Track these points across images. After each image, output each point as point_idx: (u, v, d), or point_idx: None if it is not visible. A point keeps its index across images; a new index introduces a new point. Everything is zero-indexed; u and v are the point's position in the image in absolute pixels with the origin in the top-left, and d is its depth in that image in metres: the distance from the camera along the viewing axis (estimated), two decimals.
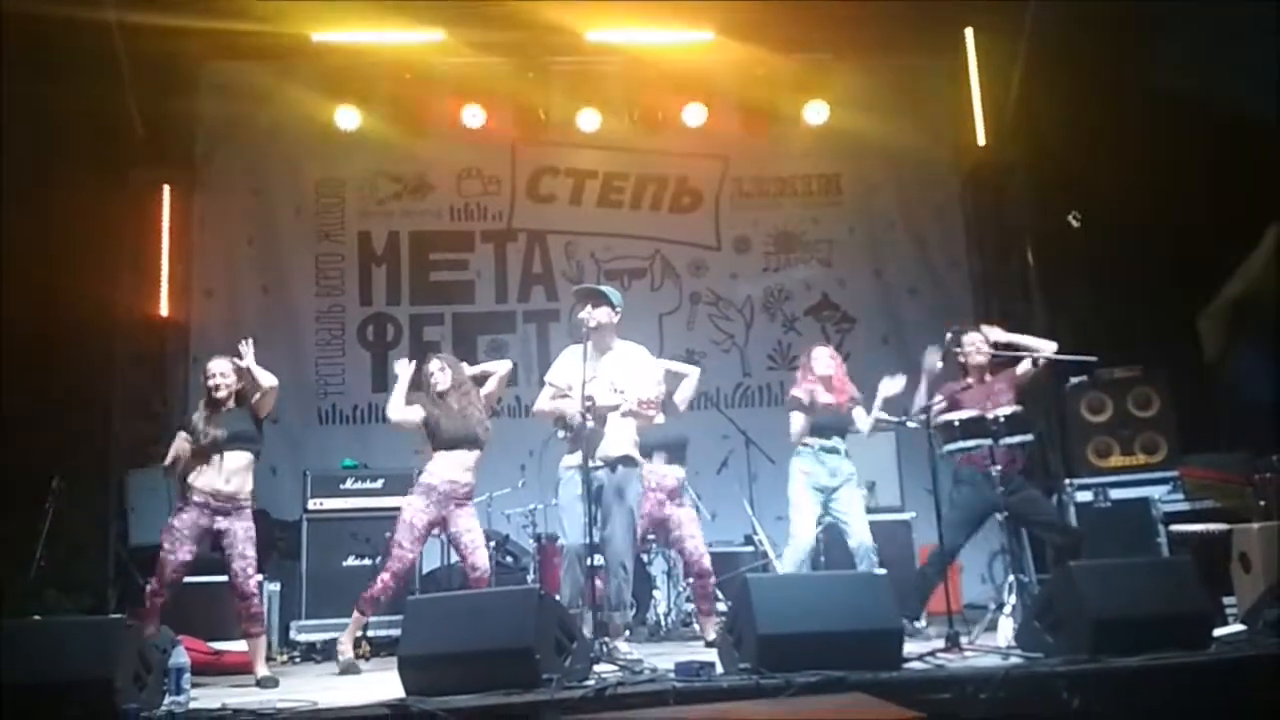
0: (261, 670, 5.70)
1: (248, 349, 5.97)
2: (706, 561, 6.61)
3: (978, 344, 6.22)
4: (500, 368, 6.47)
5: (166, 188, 9.02)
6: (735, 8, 8.61)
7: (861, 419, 6.51)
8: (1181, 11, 7.47)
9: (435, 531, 6.27)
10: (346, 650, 6.03)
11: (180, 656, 4.73)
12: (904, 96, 9.37)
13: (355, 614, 6.10)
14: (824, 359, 6.58)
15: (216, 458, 5.69)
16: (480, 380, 6.34)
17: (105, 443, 8.24)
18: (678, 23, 8.82)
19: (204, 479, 5.70)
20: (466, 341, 9.30)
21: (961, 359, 6.26)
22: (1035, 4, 8.55)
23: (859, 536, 6.32)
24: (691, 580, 6.77)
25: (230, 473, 5.70)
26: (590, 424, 5.39)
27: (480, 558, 6.09)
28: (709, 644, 6.39)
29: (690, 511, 6.82)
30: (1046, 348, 6.22)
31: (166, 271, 8.93)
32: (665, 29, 8.90)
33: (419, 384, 6.29)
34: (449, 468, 6.09)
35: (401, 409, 6.15)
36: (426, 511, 6.04)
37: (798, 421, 6.44)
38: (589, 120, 9.20)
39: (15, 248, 7.32)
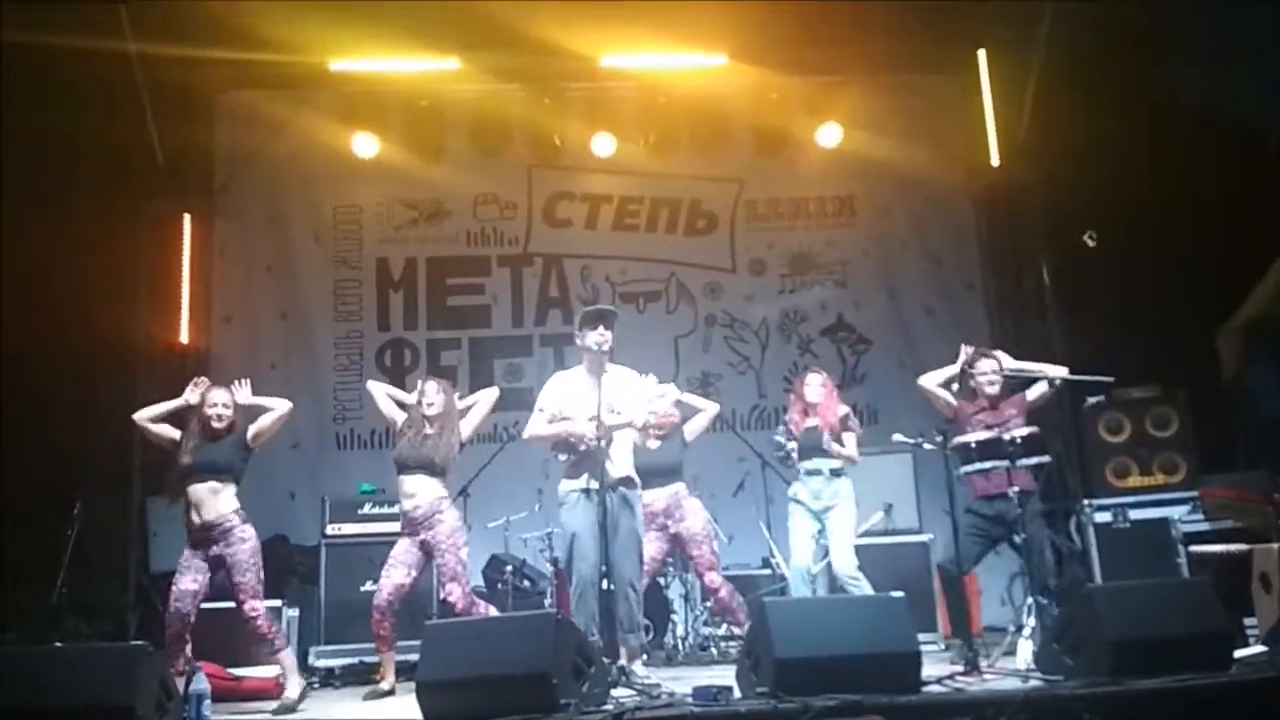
0: (291, 689, 5.68)
1: (243, 387, 6.04)
2: (709, 578, 6.57)
3: (992, 371, 6.22)
4: (486, 396, 6.50)
5: (187, 216, 9.12)
6: (748, 31, 8.66)
7: (841, 448, 6.47)
8: (1197, 28, 7.48)
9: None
10: (388, 683, 6.08)
11: (200, 683, 4.77)
12: (917, 117, 9.41)
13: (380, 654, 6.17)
14: (815, 385, 6.60)
15: (191, 488, 5.70)
16: (463, 413, 6.39)
17: (126, 469, 8.29)
18: (691, 47, 8.89)
19: (187, 511, 5.72)
20: (483, 366, 9.34)
21: (973, 384, 6.27)
22: (1048, 24, 8.56)
23: (837, 563, 6.33)
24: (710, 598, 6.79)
25: (200, 502, 5.68)
26: (604, 445, 5.40)
27: (452, 590, 6.03)
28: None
29: (694, 524, 6.61)
30: (1058, 372, 6.25)
31: (187, 299, 9.02)
32: (678, 53, 8.97)
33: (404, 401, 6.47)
34: (401, 498, 6.20)
35: (387, 401, 6.43)
36: (402, 541, 6.16)
37: (793, 450, 6.48)
38: (604, 145, 9.27)
39: (38, 275, 7.42)
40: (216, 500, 5.69)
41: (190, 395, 5.95)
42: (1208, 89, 7.38)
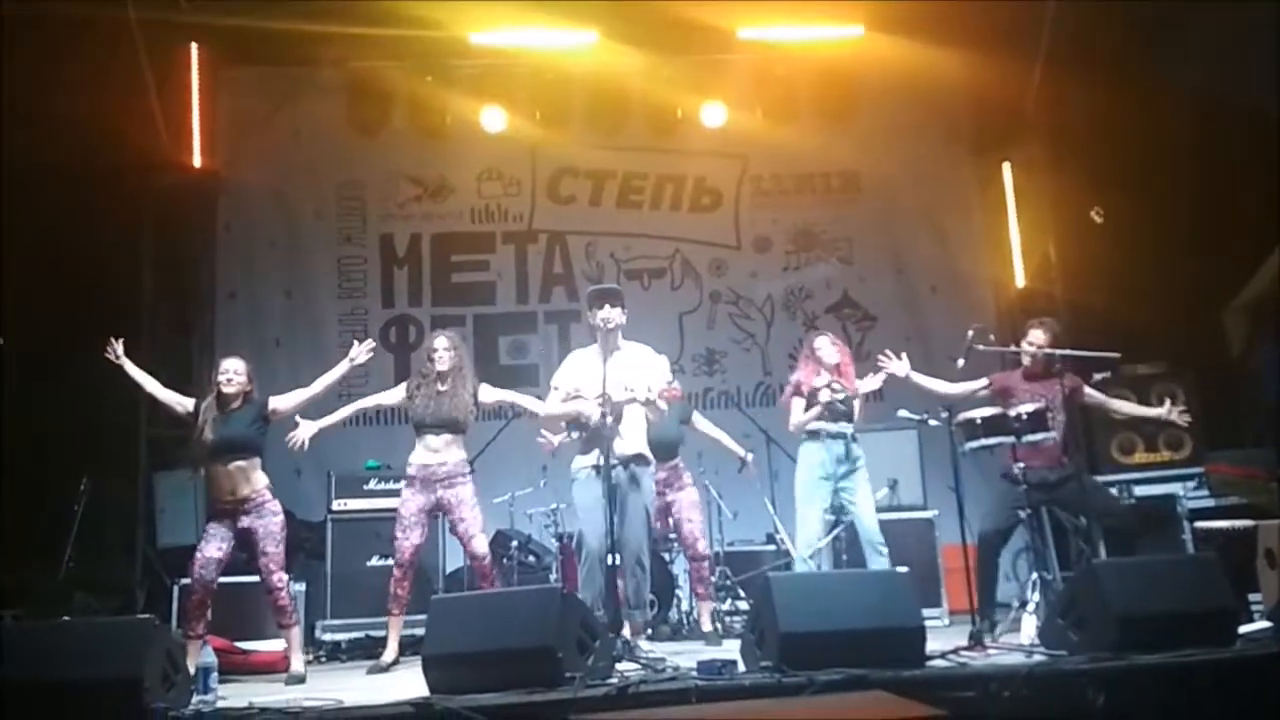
0: (297, 663, 5.78)
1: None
2: (702, 546, 6.70)
3: (1039, 344, 6.14)
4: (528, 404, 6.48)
5: (189, 191, 9.08)
6: (750, 6, 8.60)
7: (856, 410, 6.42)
8: (1204, 7, 7.42)
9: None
10: (390, 655, 6.08)
11: (208, 656, 4.79)
12: (923, 93, 9.34)
13: (389, 617, 6.17)
14: (828, 346, 6.49)
15: (219, 468, 5.77)
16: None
17: (133, 445, 8.31)
18: (695, 22, 8.82)
19: (215, 487, 5.82)
20: (488, 343, 9.33)
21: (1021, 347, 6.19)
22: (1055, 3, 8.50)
23: (869, 528, 6.25)
24: (688, 564, 6.86)
25: (232, 480, 5.77)
26: (611, 423, 5.41)
27: (477, 545, 6.14)
28: (703, 634, 6.46)
29: (691, 494, 6.84)
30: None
31: (191, 274, 9.01)
32: (682, 28, 8.90)
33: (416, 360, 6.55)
34: (419, 452, 6.19)
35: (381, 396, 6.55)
36: (414, 499, 6.13)
37: (798, 409, 6.35)
38: (608, 121, 9.21)
39: (42, 248, 7.41)
40: (249, 479, 5.81)
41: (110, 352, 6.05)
42: (1216, 66, 7.34)
